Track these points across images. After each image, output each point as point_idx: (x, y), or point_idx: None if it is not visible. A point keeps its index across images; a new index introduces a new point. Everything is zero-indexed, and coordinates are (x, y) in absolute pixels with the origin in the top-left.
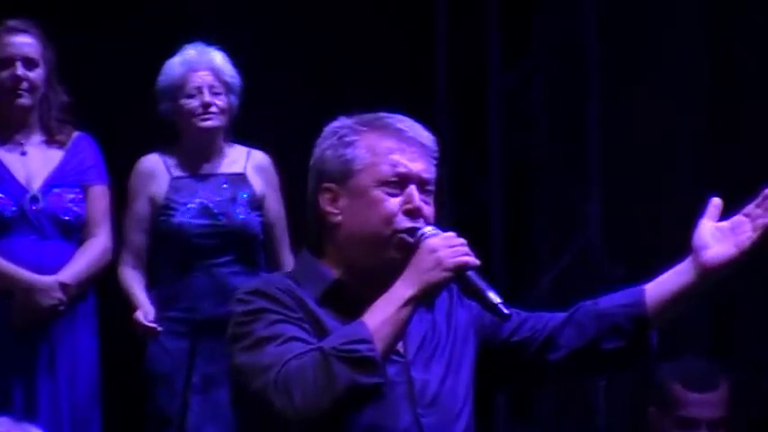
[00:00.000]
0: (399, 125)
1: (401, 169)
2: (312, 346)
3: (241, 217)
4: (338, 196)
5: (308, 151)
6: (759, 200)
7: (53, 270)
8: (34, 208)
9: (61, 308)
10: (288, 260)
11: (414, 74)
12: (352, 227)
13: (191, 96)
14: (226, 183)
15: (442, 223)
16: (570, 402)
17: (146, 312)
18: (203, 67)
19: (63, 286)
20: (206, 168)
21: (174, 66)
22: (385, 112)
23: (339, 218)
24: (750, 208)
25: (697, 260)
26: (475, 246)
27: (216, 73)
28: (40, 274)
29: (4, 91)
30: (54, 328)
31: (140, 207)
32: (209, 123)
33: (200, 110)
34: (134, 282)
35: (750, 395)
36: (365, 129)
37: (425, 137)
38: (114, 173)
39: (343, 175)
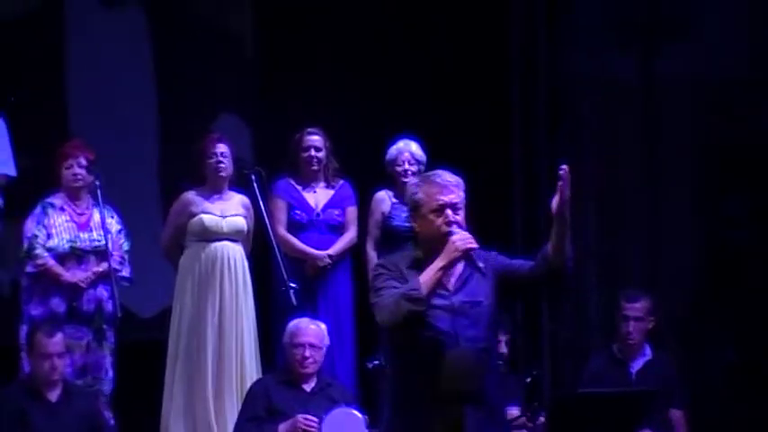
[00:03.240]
0: (438, 179)
1: (440, 203)
2: (394, 290)
3: None
4: (416, 219)
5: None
6: (559, 183)
7: (326, 248)
8: (318, 219)
9: (329, 266)
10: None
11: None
12: (423, 234)
13: (399, 165)
14: None
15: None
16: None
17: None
18: (406, 151)
19: (329, 256)
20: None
21: (393, 149)
22: (432, 171)
23: (418, 229)
24: (559, 185)
25: (553, 214)
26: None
27: (412, 154)
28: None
29: (306, 164)
30: (327, 275)
31: (377, 217)
32: (408, 180)
33: (403, 173)
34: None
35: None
36: (423, 184)
37: (453, 180)
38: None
39: (416, 209)
